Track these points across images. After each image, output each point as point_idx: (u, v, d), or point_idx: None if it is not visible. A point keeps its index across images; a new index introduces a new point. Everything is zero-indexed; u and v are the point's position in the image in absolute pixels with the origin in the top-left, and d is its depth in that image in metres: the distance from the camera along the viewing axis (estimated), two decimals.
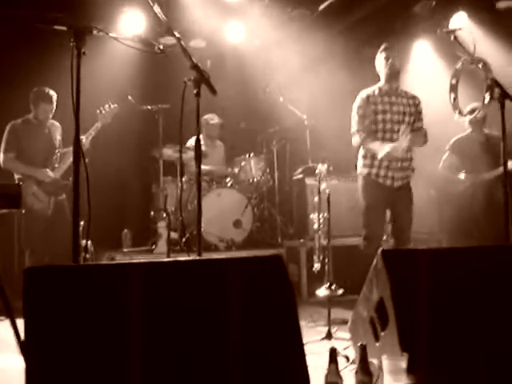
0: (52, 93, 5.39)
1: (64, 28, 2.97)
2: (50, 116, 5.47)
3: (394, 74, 4.72)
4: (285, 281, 2.42)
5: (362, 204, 4.73)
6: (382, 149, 4.55)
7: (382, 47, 4.74)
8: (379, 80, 4.81)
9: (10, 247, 5.69)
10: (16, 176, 5.34)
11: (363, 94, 4.77)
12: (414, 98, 4.82)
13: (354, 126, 4.73)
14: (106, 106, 5.36)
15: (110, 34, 3.12)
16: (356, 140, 4.72)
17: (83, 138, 5.26)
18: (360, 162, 4.79)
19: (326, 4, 6.88)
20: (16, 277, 5.34)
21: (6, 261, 5.61)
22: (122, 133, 7.06)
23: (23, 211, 5.16)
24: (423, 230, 6.15)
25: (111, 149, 6.68)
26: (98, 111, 5.33)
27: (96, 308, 2.15)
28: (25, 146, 5.37)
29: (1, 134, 5.46)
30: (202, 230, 5.75)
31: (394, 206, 4.72)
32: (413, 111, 4.76)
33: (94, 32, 3.03)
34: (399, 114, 4.68)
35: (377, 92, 4.75)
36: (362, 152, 4.78)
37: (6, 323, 3.19)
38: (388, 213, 4.77)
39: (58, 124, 5.57)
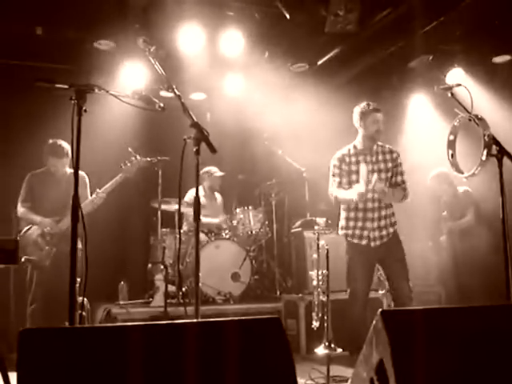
0: (65, 145, 5.40)
1: (65, 86, 3.00)
2: (63, 169, 5.47)
3: (375, 138, 4.67)
4: (283, 343, 2.38)
5: (345, 263, 4.70)
6: (352, 191, 4.50)
7: (371, 107, 4.66)
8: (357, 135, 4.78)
9: (5, 301, 5.63)
10: (26, 226, 5.33)
11: (338, 154, 4.76)
12: (391, 152, 4.74)
13: (330, 187, 4.75)
14: (132, 158, 5.39)
15: (111, 92, 3.15)
16: (332, 199, 4.72)
17: (100, 191, 5.29)
18: (339, 223, 4.79)
19: (325, 58, 6.99)
20: (12, 330, 5.29)
21: (2, 315, 5.56)
22: (122, 184, 7.06)
23: (24, 259, 5.14)
24: (422, 282, 6.13)
25: (111, 200, 6.67)
26: (122, 164, 5.36)
27: (90, 371, 2.11)
28: (38, 196, 5.39)
29: (12, 184, 5.48)
30: (200, 282, 5.76)
31: (381, 264, 4.70)
32: (390, 166, 4.69)
33: (95, 90, 3.05)
34: (374, 172, 4.56)
35: (352, 151, 4.72)
36: (341, 214, 4.78)
37: None
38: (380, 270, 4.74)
39: (81, 175, 5.55)
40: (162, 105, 3.28)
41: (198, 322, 2.51)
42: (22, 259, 5.17)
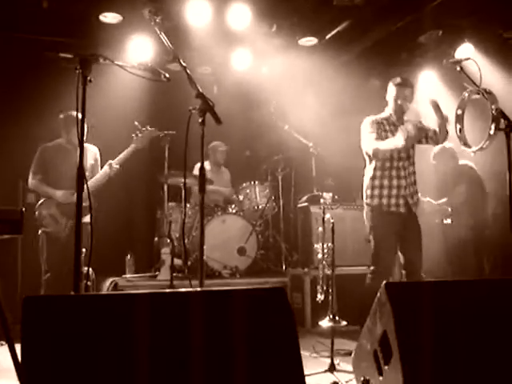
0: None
1: (70, 56, 2.98)
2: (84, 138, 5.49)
3: (404, 112, 4.64)
4: (287, 313, 2.39)
5: (371, 237, 4.65)
6: (397, 137, 4.45)
7: (405, 81, 4.67)
8: (387, 106, 4.78)
9: (12, 271, 5.67)
10: (41, 198, 5.37)
11: (372, 117, 4.74)
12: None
13: (366, 143, 4.67)
14: (144, 129, 5.41)
15: (116, 63, 3.14)
16: (370, 153, 4.64)
17: (113, 162, 5.32)
18: (368, 193, 4.72)
19: (333, 33, 6.92)
20: (18, 301, 5.33)
21: (9, 285, 5.60)
22: (129, 158, 7.07)
23: (40, 231, 5.19)
24: (429, 261, 6.13)
25: (120, 175, 6.69)
26: (134, 135, 5.41)
27: (93, 338, 2.12)
28: (51, 169, 5.42)
29: (20, 157, 5.49)
30: (206, 256, 5.79)
31: (403, 238, 4.63)
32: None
33: (101, 60, 3.03)
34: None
35: (385, 121, 4.71)
36: (369, 183, 4.71)
37: (5, 348, 3.17)
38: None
39: (92, 148, 5.57)
40: (167, 75, 3.26)
41: (204, 291, 2.51)
42: (39, 232, 5.23)
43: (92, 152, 5.60)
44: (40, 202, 5.35)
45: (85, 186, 5.27)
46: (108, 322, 2.16)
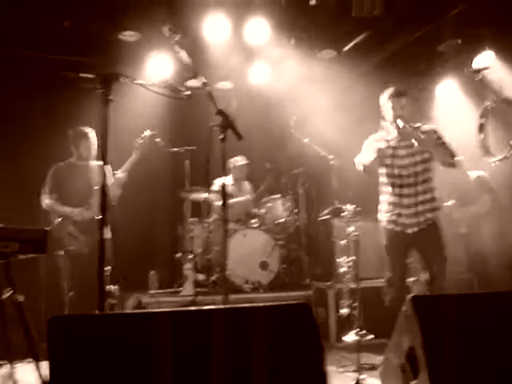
0: (88, 131, 5.53)
1: (91, 76, 3.01)
2: (89, 153, 5.56)
3: (405, 120, 4.53)
4: (313, 329, 2.37)
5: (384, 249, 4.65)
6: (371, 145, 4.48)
7: (395, 91, 4.60)
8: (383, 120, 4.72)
9: (36, 290, 5.70)
10: (57, 218, 5.41)
11: (371, 138, 4.72)
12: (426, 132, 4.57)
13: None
14: (144, 135, 5.55)
15: (137, 81, 3.16)
16: (359, 169, 4.67)
17: (118, 172, 5.38)
18: (379, 208, 4.73)
19: (351, 44, 6.92)
20: (43, 320, 5.36)
21: (33, 304, 5.63)
22: (150, 175, 7.13)
23: (62, 252, 5.23)
24: (453, 269, 6.05)
25: (139, 190, 6.72)
26: (135, 143, 5.52)
27: (118, 356, 2.13)
28: (64, 188, 5.48)
29: (36, 176, 5.56)
30: (229, 271, 5.78)
31: (419, 250, 4.59)
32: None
33: (121, 79, 3.06)
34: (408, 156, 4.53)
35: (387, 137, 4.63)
36: (380, 198, 4.71)
37: (31, 366, 3.19)
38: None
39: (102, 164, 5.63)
40: (188, 92, 3.27)
41: (227, 308, 2.51)
42: (61, 252, 5.27)
43: (103, 168, 5.63)
44: (57, 222, 5.39)
45: (99, 201, 5.39)
46: (132, 340, 2.16)
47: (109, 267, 3.31)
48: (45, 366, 2.92)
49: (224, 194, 3.28)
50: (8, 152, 6.58)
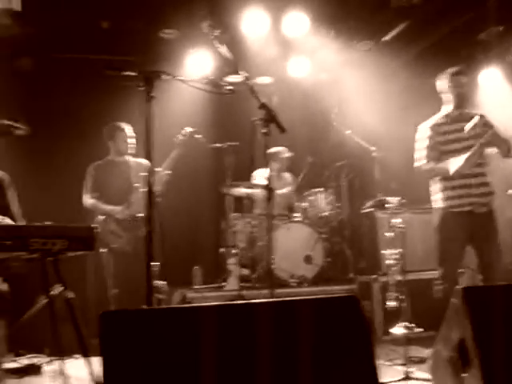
0: (122, 125, 5.60)
1: (133, 74, 3.04)
2: (125, 147, 5.62)
3: (467, 99, 4.52)
4: (361, 322, 2.35)
5: (437, 240, 4.51)
6: (452, 163, 4.34)
7: (455, 70, 4.55)
8: (444, 105, 4.64)
9: (82, 287, 5.80)
10: (99, 216, 5.49)
11: (426, 123, 4.62)
12: (481, 116, 4.48)
13: (419, 157, 4.58)
14: (184, 131, 5.55)
15: (178, 78, 3.18)
16: (421, 169, 4.56)
17: (159, 169, 5.41)
18: (435, 195, 4.61)
19: (391, 34, 6.85)
20: (91, 315, 5.45)
21: (80, 301, 5.73)
22: (192, 171, 7.18)
23: (105, 250, 5.31)
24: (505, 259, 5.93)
25: (182, 187, 6.77)
26: (175, 139, 5.53)
27: (170, 350, 2.14)
28: (104, 186, 5.55)
29: (78, 175, 5.66)
30: (273, 266, 5.78)
31: (475, 240, 4.45)
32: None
33: (163, 76, 3.08)
34: (471, 139, 4.39)
35: (445, 120, 4.58)
36: (435, 185, 4.62)
37: (80, 361, 3.25)
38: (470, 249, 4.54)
39: (142, 161, 5.70)
40: (230, 87, 3.28)
41: (275, 302, 2.50)
42: (105, 249, 5.35)
43: (143, 165, 5.70)
44: (100, 220, 5.46)
45: (139, 197, 5.46)
46: (182, 334, 2.17)
47: (157, 263, 3.34)
48: (94, 361, 2.98)
49: (269, 188, 3.28)
50: (52, 151, 6.72)
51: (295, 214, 6.62)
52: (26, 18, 5.93)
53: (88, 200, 5.53)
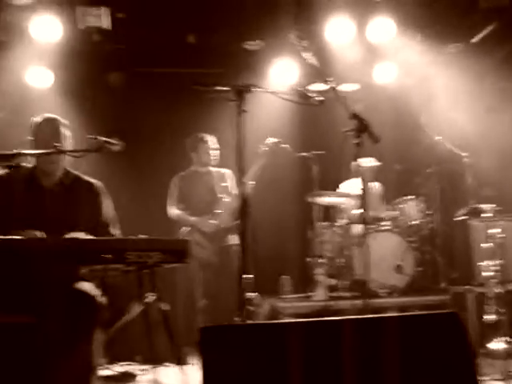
0: (208, 136, 5.67)
1: (225, 88, 3.07)
2: (214, 159, 5.69)
3: None
4: (463, 340, 2.25)
5: None
6: None
7: None
8: None
9: (173, 298, 5.91)
10: (184, 227, 5.58)
11: None
12: None
13: None
14: (269, 141, 5.53)
15: (270, 91, 3.19)
16: None
17: (245, 180, 5.42)
18: None
19: (479, 36, 6.65)
20: (180, 327, 5.53)
21: (171, 311, 5.82)
22: (278, 180, 7.19)
23: (192, 261, 5.37)
24: None
25: (267, 196, 6.79)
26: (259, 149, 5.49)
27: (266, 365, 2.14)
28: (188, 197, 5.63)
29: (165, 187, 5.78)
30: (363, 276, 5.68)
31: None
32: None
33: (254, 90, 3.10)
34: None
35: None
36: None
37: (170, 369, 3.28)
38: None
39: (224, 171, 5.76)
40: (320, 98, 3.26)
41: (371, 318, 2.43)
42: (192, 261, 5.41)
43: (226, 174, 5.75)
44: (185, 231, 5.53)
45: (225, 208, 5.50)
46: (279, 350, 2.16)
47: (250, 276, 3.34)
48: (186, 370, 3.03)
49: (363, 197, 3.23)
50: (139, 164, 6.89)
51: (384, 223, 6.49)
52: (116, 35, 6.14)
53: (174, 211, 5.62)
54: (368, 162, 6.83)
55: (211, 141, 5.70)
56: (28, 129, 3.44)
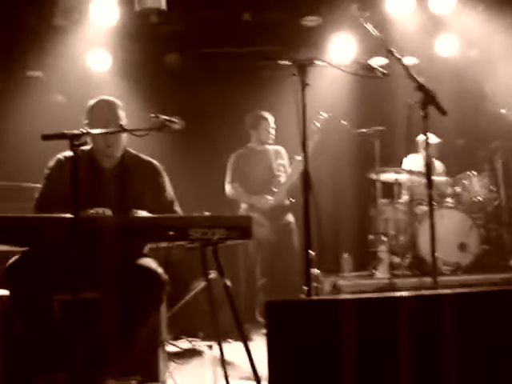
0: (267, 114, 5.65)
1: (288, 63, 3.04)
2: (272, 137, 5.68)
3: None
4: None
5: None
6: None
7: None
8: None
9: (234, 276, 5.94)
10: (243, 205, 5.59)
11: None
12: None
13: None
14: (319, 117, 5.43)
15: (333, 64, 3.13)
16: None
17: (299, 157, 5.36)
18: None
19: None
20: (241, 304, 5.56)
21: (233, 288, 5.86)
22: (337, 157, 7.12)
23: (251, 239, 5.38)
24: None
25: (327, 173, 6.74)
26: (312, 125, 5.37)
27: (329, 342, 2.11)
28: (245, 175, 5.63)
29: (224, 165, 5.80)
30: (425, 253, 5.59)
31: None
32: None
33: (316, 63, 3.05)
34: None
35: None
36: None
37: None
38: None
39: (279, 149, 5.74)
40: (384, 71, 3.17)
41: (429, 295, 2.35)
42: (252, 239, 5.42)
43: (280, 152, 5.72)
44: (243, 209, 5.53)
45: (282, 186, 5.48)
46: (344, 326, 2.13)
47: (313, 252, 3.32)
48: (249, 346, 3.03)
49: (429, 174, 3.14)
50: (198, 142, 6.92)
51: (447, 200, 6.34)
52: (172, 16, 6.16)
53: (231, 190, 5.63)
54: (431, 138, 6.67)
55: (271, 120, 5.68)
56: (85, 111, 3.46)
